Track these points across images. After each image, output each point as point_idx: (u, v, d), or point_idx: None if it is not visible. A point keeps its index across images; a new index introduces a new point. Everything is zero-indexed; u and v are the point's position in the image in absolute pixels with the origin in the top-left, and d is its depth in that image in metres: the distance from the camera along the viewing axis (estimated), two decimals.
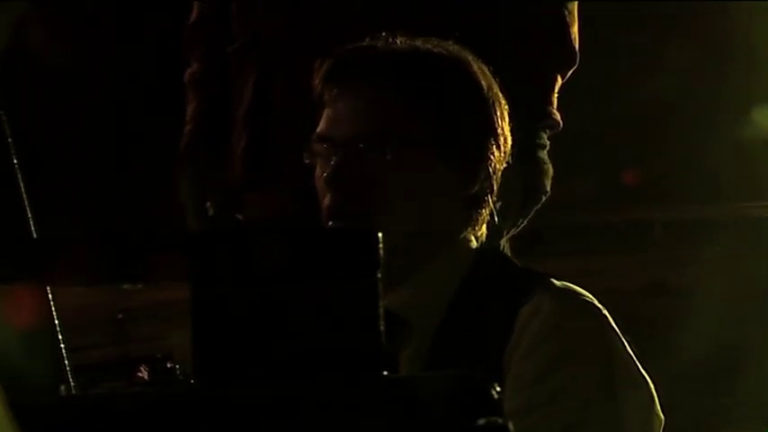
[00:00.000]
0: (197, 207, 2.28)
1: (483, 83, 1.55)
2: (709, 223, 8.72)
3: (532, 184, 2.18)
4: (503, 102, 1.57)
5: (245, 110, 2.23)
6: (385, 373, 0.79)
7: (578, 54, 2.24)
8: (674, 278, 7.62)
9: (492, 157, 1.53)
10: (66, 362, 0.88)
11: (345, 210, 1.48)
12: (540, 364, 1.41)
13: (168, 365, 1.26)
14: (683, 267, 7.87)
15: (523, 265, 1.55)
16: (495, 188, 1.56)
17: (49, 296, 0.89)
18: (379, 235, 0.79)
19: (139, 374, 1.24)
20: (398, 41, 1.56)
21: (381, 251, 0.80)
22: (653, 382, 1.49)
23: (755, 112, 8.16)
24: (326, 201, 1.50)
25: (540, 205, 2.19)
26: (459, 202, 1.52)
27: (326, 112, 1.54)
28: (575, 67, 2.25)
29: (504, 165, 1.57)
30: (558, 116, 2.22)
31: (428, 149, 1.50)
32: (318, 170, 1.53)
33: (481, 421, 0.77)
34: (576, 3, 2.24)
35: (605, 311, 1.48)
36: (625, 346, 1.47)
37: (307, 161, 1.55)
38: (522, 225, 2.19)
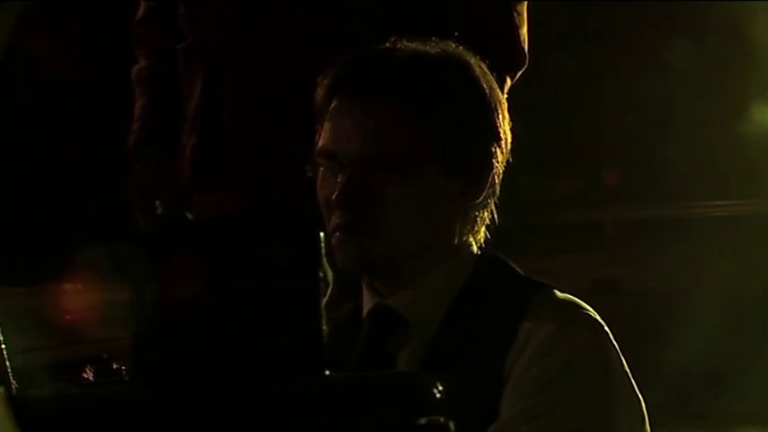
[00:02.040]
0: (145, 206, 2.27)
1: (485, 86, 1.55)
2: (662, 223, 8.79)
3: None
4: (502, 100, 1.57)
5: (195, 108, 2.21)
6: (327, 372, 0.79)
7: (527, 55, 2.24)
8: (626, 277, 7.67)
9: (495, 161, 1.54)
10: (8, 363, 0.87)
11: (354, 226, 1.48)
12: (542, 375, 1.42)
13: (114, 366, 1.24)
14: (634, 267, 7.93)
15: (525, 273, 1.55)
16: (497, 190, 1.56)
17: None
18: (321, 235, 0.79)
19: (85, 375, 1.23)
20: (399, 49, 1.55)
21: (323, 251, 0.80)
22: None
23: (716, 112, 8.23)
24: (334, 218, 1.49)
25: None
26: (466, 210, 1.53)
27: (330, 126, 1.52)
28: (524, 68, 2.26)
29: (504, 164, 1.57)
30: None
31: (436, 166, 1.50)
32: (320, 184, 1.52)
33: (423, 420, 0.77)
34: (526, 4, 2.25)
35: (605, 326, 1.49)
36: (622, 363, 1.48)
37: (309, 174, 1.54)
38: None
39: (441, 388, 0.77)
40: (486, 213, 1.56)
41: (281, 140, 2.11)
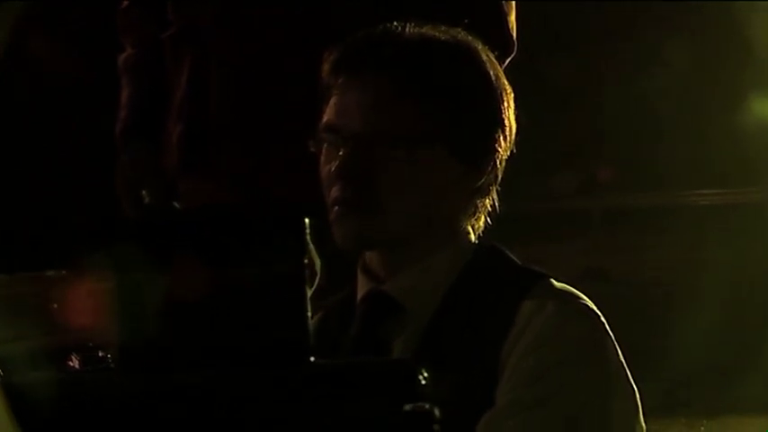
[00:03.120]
0: (132, 195, 2.26)
1: (491, 73, 1.54)
2: (648, 211, 8.81)
3: None
4: (508, 90, 1.57)
5: (181, 96, 2.20)
6: (312, 359, 0.79)
7: (515, 42, 2.24)
8: (613, 266, 7.69)
9: (499, 148, 1.53)
10: None
11: (354, 201, 1.47)
12: (538, 365, 1.41)
13: (100, 354, 1.24)
14: (621, 255, 7.95)
15: (523, 262, 1.55)
16: (499, 178, 1.56)
17: None
18: (306, 221, 0.79)
19: (70, 363, 1.23)
20: (408, 31, 1.55)
21: (308, 237, 0.79)
22: None
23: (710, 104, 8.25)
24: (334, 192, 1.49)
25: None
26: (467, 194, 1.52)
27: (335, 101, 1.52)
28: (512, 55, 2.25)
29: (509, 153, 1.57)
30: None
31: (438, 145, 1.50)
32: (323, 159, 1.52)
33: (408, 407, 0.77)
34: None
35: (602, 317, 1.49)
36: (618, 354, 1.48)
37: (312, 150, 1.53)
38: None
39: (426, 375, 0.77)
40: (487, 201, 1.55)
41: (270, 131, 2.10)
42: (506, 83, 1.57)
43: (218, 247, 0.79)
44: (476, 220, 1.55)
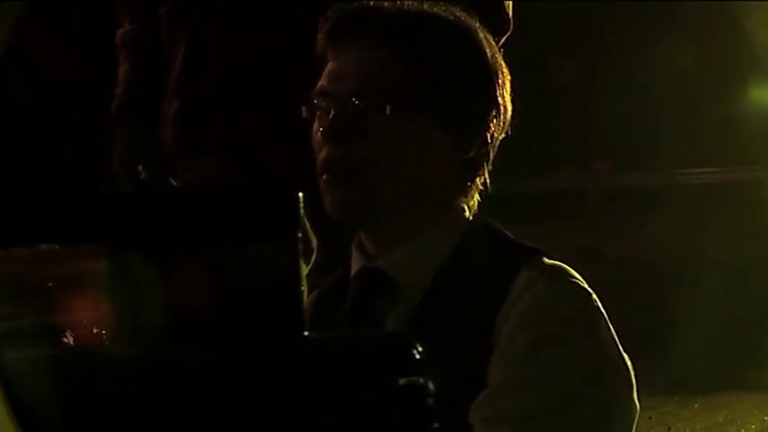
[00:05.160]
0: (128, 170, 2.26)
1: (487, 51, 1.54)
2: (644, 191, 8.81)
3: None
4: (505, 71, 1.56)
5: (178, 73, 2.20)
6: (306, 333, 0.79)
7: (511, 21, 2.24)
8: (607, 245, 7.70)
9: (491, 125, 1.53)
10: None
11: (340, 162, 1.47)
12: (532, 342, 1.41)
13: (94, 330, 1.24)
14: (615, 235, 7.96)
15: (516, 238, 1.54)
16: (491, 157, 1.55)
17: None
18: (300, 195, 0.79)
19: (65, 340, 1.23)
20: (406, 3, 1.55)
21: (302, 211, 0.80)
22: None
23: (700, 84, 8.25)
24: (322, 153, 1.49)
25: None
26: (455, 167, 1.52)
27: (329, 67, 1.53)
28: (508, 34, 2.25)
29: (503, 135, 1.57)
30: None
31: (425, 111, 1.50)
32: (316, 124, 1.52)
33: (402, 381, 0.77)
34: None
35: (594, 294, 1.49)
36: (611, 331, 1.48)
37: (305, 115, 1.53)
38: None
39: (420, 349, 0.77)
40: (479, 179, 1.55)
41: (267, 107, 2.10)
42: (503, 65, 1.57)
43: (212, 222, 0.79)
44: (469, 196, 1.55)
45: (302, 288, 0.79)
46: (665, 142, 8.32)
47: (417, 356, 0.76)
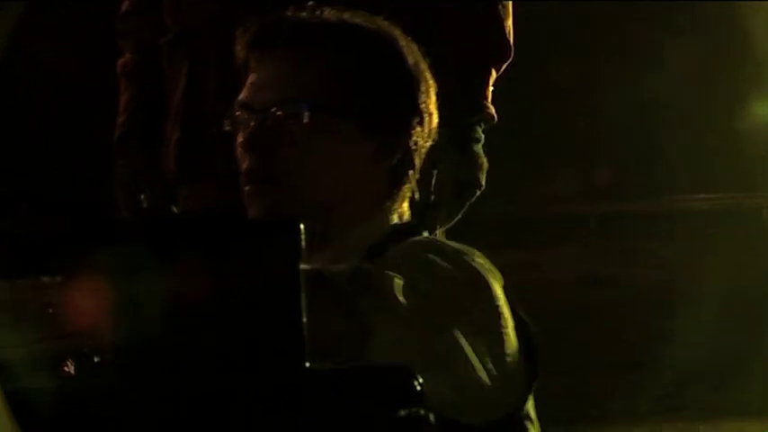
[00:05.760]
0: (130, 200, 2.26)
1: (409, 58, 1.54)
2: (647, 216, 8.81)
3: (467, 178, 2.19)
4: (430, 80, 1.56)
5: (179, 102, 2.21)
6: (307, 364, 0.79)
7: (512, 48, 2.24)
8: (609, 271, 7.69)
9: (414, 131, 1.52)
10: None
11: (261, 173, 1.47)
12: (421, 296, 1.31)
13: (96, 360, 1.24)
14: (618, 260, 7.95)
15: (451, 242, 1.51)
16: (416, 164, 1.54)
17: None
18: (302, 226, 0.79)
19: (65, 369, 1.23)
20: (326, 12, 1.55)
21: (303, 242, 0.80)
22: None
23: (710, 106, 8.25)
24: (244, 165, 1.49)
25: (474, 199, 2.20)
26: (380, 173, 1.51)
27: (249, 79, 1.53)
28: (509, 61, 2.26)
29: (430, 142, 1.56)
30: (492, 110, 2.23)
31: (346, 117, 1.49)
32: (238, 137, 1.52)
33: (403, 412, 0.77)
34: None
35: (492, 279, 1.41)
36: (500, 312, 1.38)
37: (227, 128, 1.53)
38: (456, 218, 2.20)
39: (421, 380, 0.77)
40: (405, 186, 1.54)
41: None
42: (429, 75, 1.56)
43: (214, 251, 0.79)
44: (397, 203, 1.53)
45: (303, 319, 0.79)
46: (669, 167, 8.32)
47: (418, 388, 0.76)
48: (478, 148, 2.21)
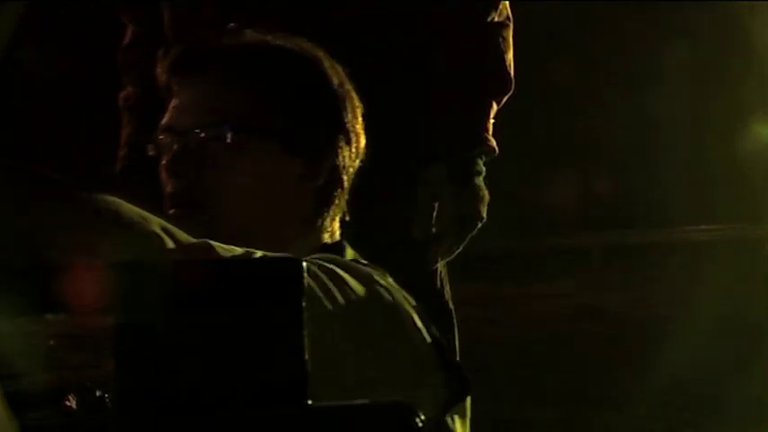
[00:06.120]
0: None
1: (333, 79, 1.54)
2: (647, 248, 8.80)
3: (468, 211, 2.19)
4: (355, 100, 1.56)
5: None
6: (309, 402, 0.79)
7: (513, 80, 2.25)
8: (611, 303, 7.68)
9: (341, 154, 1.52)
10: None
11: (185, 197, 1.46)
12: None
13: (97, 394, 1.24)
14: (620, 292, 7.94)
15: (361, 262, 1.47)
16: (345, 184, 1.53)
17: None
18: (304, 264, 0.79)
19: (67, 403, 1.23)
20: (247, 34, 1.55)
21: (306, 280, 0.80)
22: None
23: (702, 138, 8.25)
24: (167, 189, 1.48)
25: (475, 232, 2.20)
26: (306, 193, 1.50)
27: (172, 103, 1.52)
28: (510, 93, 2.27)
29: (358, 162, 1.55)
30: (493, 142, 2.23)
31: (269, 137, 1.48)
32: (162, 161, 1.51)
33: None
34: (511, 30, 2.26)
35: (387, 292, 1.37)
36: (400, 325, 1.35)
37: (151, 153, 1.52)
38: (457, 251, 2.20)
39: (422, 417, 0.77)
40: (334, 207, 1.53)
41: None
42: (354, 95, 1.56)
43: (216, 288, 0.79)
44: (325, 224, 1.52)
45: (305, 356, 0.79)
46: (670, 198, 8.32)
47: (420, 425, 0.76)
48: (480, 180, 2.22)
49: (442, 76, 2.17)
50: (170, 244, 1.20)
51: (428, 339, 1.38)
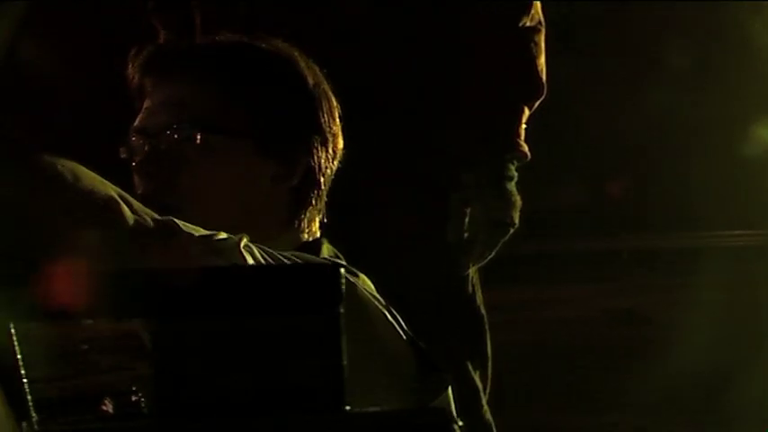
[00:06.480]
0: None
1: (309, 79, 1.52)
2: (677, 252, 8.76)
3: (500, 217, 2.18)
4: (332, 101, 1.54)
5: None
6: (348, 407, 0.79)
7: (545, 85, 2.25)
8: (642, 307, 7.65)
9: (317, 155, 1.50)
10: (29, 396, 0.87)
11: (156, 199, 1.43)
12: None
13: (133, 398, 1.24)
14: (650, 296, 7.91)
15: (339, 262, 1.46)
16: (322, 185, 1.52)
17: (12, 330, 0.88)
18: (342, 269, 0.79)
19: (104, 407, 1.23)
20: (221, 37, 1.54)
21: (344, 285, 0.80)
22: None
23: (732, 142, 8.21)
24: (139, 191, 1.46)
25: (507, 237, 2.20)
26: (282, 194, 1.49)
27: (144, 104, 1.51)
28: (542, 98, 2.26)
29: (336, 164, 1.53)
30: (525, 148, 2.22)
31: (240, 137, 1.47)
32: (134, 163, 1.50)
33: None
34: (543, 34, 2.25)
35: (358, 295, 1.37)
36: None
37: (123, 156, 1.51)
38: (489, 257, 2.19)
39: (461, 423, 0.77)
40: (312, 207, 1.51)
41: None
42: (330, 94, 1.54)
43: (256, 295, 0.80)
44: (302, 225, 1.50)
45: (344, 361, 0.80)
46: (701, 202, 8.28)
47: (457, 430, 0.76)
48: (512, 185, 2.21)
49: (474, 80, 2.17)
50: (126, 210, 1.19)
51: (402, 337, 1.37)
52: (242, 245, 1.25)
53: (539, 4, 2.24)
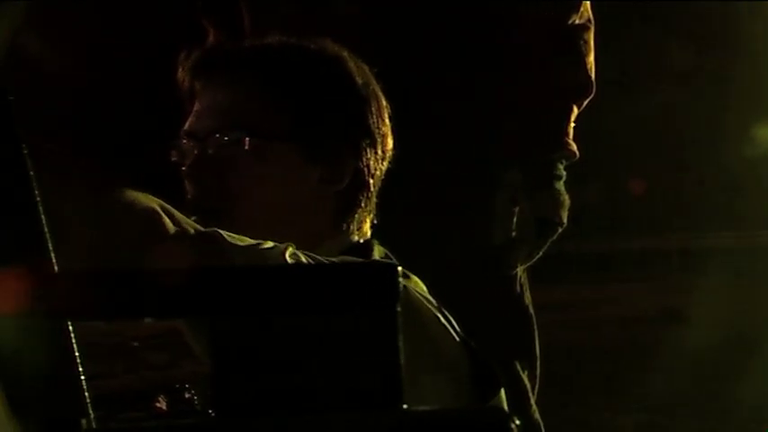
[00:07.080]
0: None
1: (357, 80, 1.51)
2: (727, 252, 8.68)
3: (548, 216, 2.18)
4: (382, 101, 1.52)
5: None
6: (405, 406, 0.79)
7: (594, 83, 2.24)
8: (691, 306, 7.59)
9: (365, 158, 1.49)
10: (86, 393, 0.88)
11: (205, 204, 1.45)
12: None
13: (186, 396, 1.25)
14: (699, 296, 7.84)
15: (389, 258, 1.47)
16: (371, 186, 1.51)
17: (69, 328, 0.89)
18: (399, 269, 0.79)
19: (158, 405, 1.24)
20: (269, 39, 1.54)
21: (401, 284, 0.80)
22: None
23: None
24: (189, 195, 1.47)
25: (555, 237, 2.19)
26: (328, 197, 1.48)
27: (195, 107, 1.52)
28: (591, 96, 2.25)
29: (386, 164, 1.52)
30: (574, 147, 2.22)
31: (288, 142, 1.47)
32: (183, 168, 1.51)
33: None
34: (592, 32, 2.24)
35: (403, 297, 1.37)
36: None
37: (174, 159, 1.51)
38: (537, 256, 2.19)
39: (518, 422, 0.77)
40: (361, 210, 1.50)
41: None
42: (380, 94, 1.53)
43: (313, 294, 0.80)
44: (350, 229, 1.49)
45: (401, 360, 0.80)
46: (750, 201, 8.21)
47: (514, 429, 0.76)
48: (560, 185, 2.20)
49: (523, 79, 2.16)
50: (168, 222, 1.20)
51: (455, 338, 1.37)
52: (288, 253, 1.25)
53: (588, 2, 2.23)
